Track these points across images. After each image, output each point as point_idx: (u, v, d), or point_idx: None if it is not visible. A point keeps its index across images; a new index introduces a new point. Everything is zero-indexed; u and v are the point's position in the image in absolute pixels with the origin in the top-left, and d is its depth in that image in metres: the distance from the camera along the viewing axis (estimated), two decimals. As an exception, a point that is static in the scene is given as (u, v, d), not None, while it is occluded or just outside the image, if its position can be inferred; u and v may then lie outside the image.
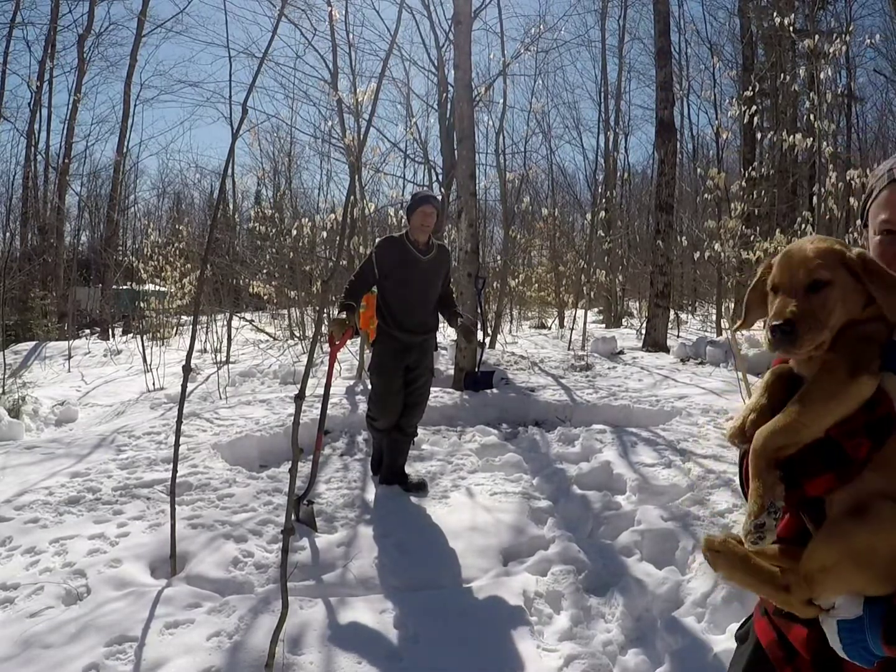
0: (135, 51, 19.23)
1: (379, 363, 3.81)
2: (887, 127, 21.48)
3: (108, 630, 2.31)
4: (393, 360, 3.77)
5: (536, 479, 4.10)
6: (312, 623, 2.42)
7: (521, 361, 8.57)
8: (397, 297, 3.75)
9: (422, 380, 3.87)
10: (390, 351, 3.76)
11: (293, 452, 2.15)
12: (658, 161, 10.46)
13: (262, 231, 11.93)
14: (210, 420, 5.15)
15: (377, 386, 3.83)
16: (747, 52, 16.34)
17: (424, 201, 3.71)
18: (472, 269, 6.94)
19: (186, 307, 12.13)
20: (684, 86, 20.50)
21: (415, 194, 3.93)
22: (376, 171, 12.29)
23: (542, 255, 18.92)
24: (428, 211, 3.69)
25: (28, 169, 19.38)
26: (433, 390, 6.47)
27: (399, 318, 3.75)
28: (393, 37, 2.61)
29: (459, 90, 7.08)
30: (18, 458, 4.24)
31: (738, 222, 10.37)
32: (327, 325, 4.46)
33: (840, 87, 18.10)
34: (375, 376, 3.83)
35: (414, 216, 3.72)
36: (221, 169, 19.11)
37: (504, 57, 11.58)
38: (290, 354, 9.19)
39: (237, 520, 3.26)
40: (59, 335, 14.00)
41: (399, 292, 3.74)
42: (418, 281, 3.77)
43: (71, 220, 24.86)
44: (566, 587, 2.75)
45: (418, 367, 3.84)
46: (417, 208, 3.69)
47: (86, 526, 3.13)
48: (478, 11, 10.49)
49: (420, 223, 3.71)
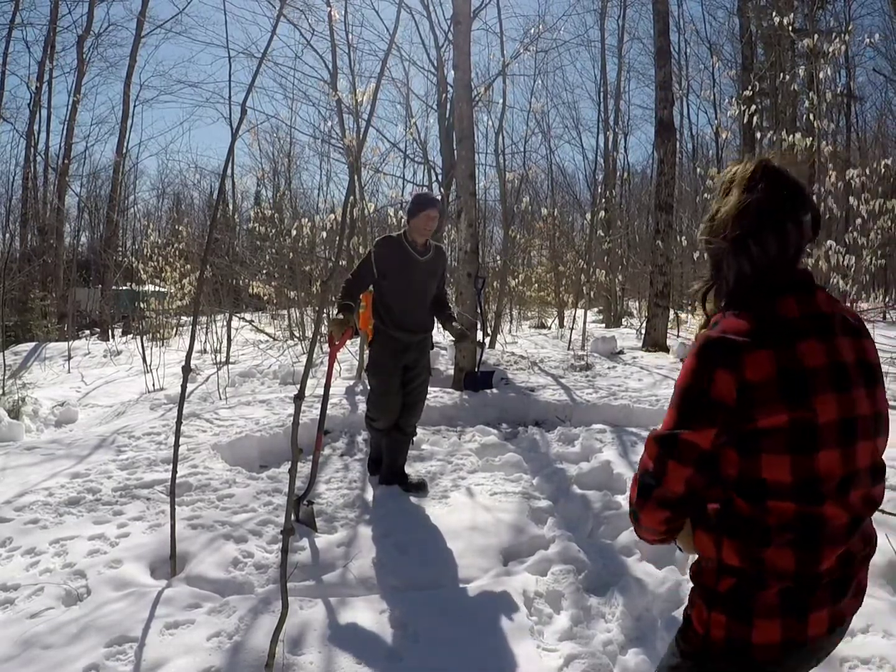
0: (134, 51, 19.22)
1: (377, 363, 3.80)
2: (887, 126, 21.50)
3: (109, 630, 2.31)
4: (391, 360, 3.77)
5: (536, 479, 4.10)
6: (312, 623, 2.42)
7: (520, 361, 8.57)
8: (396, 296, 3.75)
9: (419, 379, 3.87)
10: (388, 350, 3.76)
11: (293, 453, 2.15)
12: (657, 161, 10.45)
13: (261, 231, 11.92)
14: (210, 420, 5.15)
15: (376, 386, 3.83)
16: (747, 52, 16.34)
17: (430, 205, 3.68)
18: (472, 269, 6.94)
19: (186, 308, 12.12)
20: (684, 85, 20.53)
21: (418, 196, 3.89)
22: (376, 172, 12.30)
23: (542, 254, 18.91)
24: (432, 215, 3.68)
25: (28, 170, 19.37)
26: (433, 390, 6.48)
27: (397, 317, 3.75)
28: (392, 37, 2.61)
29: (459, 90, 7.08)
30: (18, 458, 4.24)
31: (737, 222, 10.36)
32: (327, 325, 4.46)
33: (839, 87, 18.11)
34: (374, 376, 3.82)
35: (417, 219, 3.69)
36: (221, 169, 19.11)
37: (503, 57, 11.58)
38: (290, 355, 9.19)
39: (237, 520, 3.26)
40: (58, 336, 14.00)
41: (397, 292, 3.75)
42: (416, 281, 3.77)
43: (71, 221, 24.92)
44: (566, 587, 2.75)
45: (416, 366, 3.85)
46: (422, 212, 3.67)
47: (86, 527, 3.13)
48: (477, 11, 10.51)
49: (423, 226, 3.70)
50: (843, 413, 1.09)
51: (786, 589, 1.09)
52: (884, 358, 8.03)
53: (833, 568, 1.12)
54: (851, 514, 1.11)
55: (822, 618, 1.12)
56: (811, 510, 1.08)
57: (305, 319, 11.79)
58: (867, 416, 1.14)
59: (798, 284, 1.16)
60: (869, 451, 1.14)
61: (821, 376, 1.08)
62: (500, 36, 11.63)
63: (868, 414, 1.14)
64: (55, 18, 18.85)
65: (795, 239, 1.16)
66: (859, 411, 1.12)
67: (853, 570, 1.17)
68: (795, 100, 15.37)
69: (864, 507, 1.14)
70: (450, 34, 9.58)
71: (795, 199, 1.16)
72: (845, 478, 1.10)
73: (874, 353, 1.20)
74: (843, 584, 1.15)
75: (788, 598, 1.10)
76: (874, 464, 1.16)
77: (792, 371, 1.07)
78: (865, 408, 1.13)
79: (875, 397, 1.16)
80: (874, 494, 1.17)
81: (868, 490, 1.15)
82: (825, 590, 1.12)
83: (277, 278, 12.26)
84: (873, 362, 1.18)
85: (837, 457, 1.08)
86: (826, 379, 1.08)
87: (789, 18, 8.54)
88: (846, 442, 1.10)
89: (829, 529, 1.09)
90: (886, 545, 2.73)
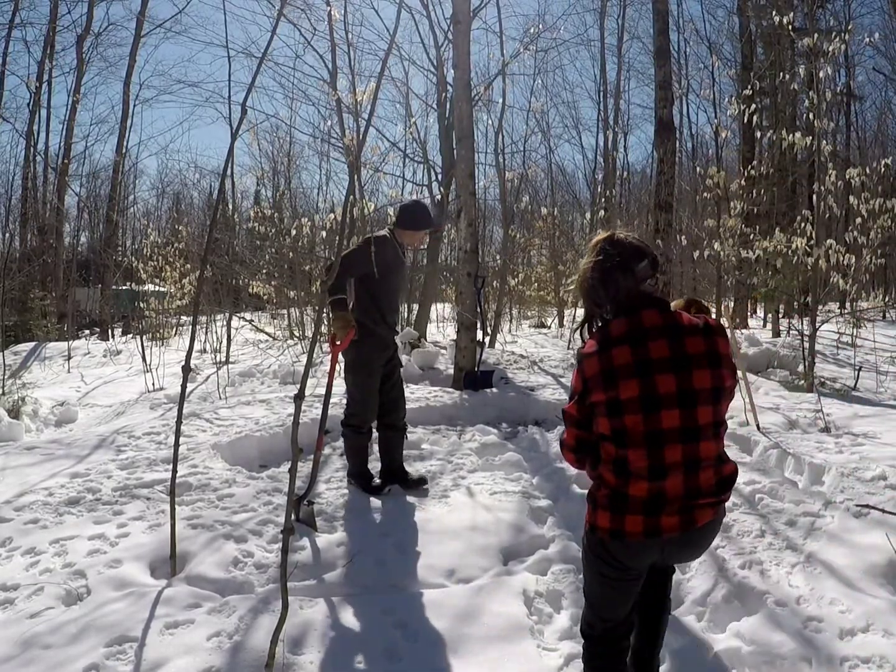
0: (134, 51, 19.18)
1: (366, 361, 3.74)
2: (886, 125, 21.52)
3: (109, 630, 2.31)
4: (379, 358, 3.79)
5: (536, 479, 4.10)
6: (312, 623, 2.42)
7: (520, 360, 8.57)
8: (386, 295, 3.80)
9: (397, 372, 3.95)
10: (376, 348, 3.76)
11: (293, 452, 2.15)
12: (657, 160, 10.44)
13: (261, 231, 11.90)
14: (210, 420, 5.15)
15: (364, 385, 3.77)
16: (746, 51, 16.31)
17: (430, 225, 3.90)
18: (472, 268, 6.94)
19: (186, 307, 12.13)
20: (683, 85, 20.50)
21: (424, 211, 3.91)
22: (376, 171, 12.28)
23: (542, 254, 18.91)
24: (427, 234, 4.06)
25: (27, 169, 19.34)
26: (433, 389, 6.49)
27: (385, 315, 3.79)
28: (392, 36, 2.61)
29: (458, 89, 7.07)
30: (18, 458, 4.24)
31: (737, 221, 10.36)
32: (327, 324, 4.44)
33: (839, 86, 18.13)
34: (362, 375, 3.76)
35: (416, 233, 3.87)
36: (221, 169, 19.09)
37: (503, 56, 11.60)
38: (290, 354, 9.19)
39: (237, 520, 3.26)
40: (58, 336, 13.99)
41: (388, 291, 3.81)
42: (402, 280, 4.05)
43: (70, 221, 24.92)
44: (566, 586, 2.75)
45: (393, 359, 3.92)
46: (422, 230, 3.88)
47: (86, 526, 3.13)
48: (477, 11, 10.50)
49: (417, 240, 3.95)
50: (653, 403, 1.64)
51: (644, 499, 1.69)
52: (883, 357, 8.04)
53: (679, 493, 1.68)
54: (686, 456, 1.66)
55: (652, 524, 1.68)
56: (636, 454, 1.66)
57: (305, 319, 11.79)
58: (707, 389, 1.66)
59: (630, 309, 1.73)
60: (710, 413, 1.68)
61: (625, 370, 1.65)
62: (499, 35, 11.67)
63: (708, 387, 1.67)
64: (55, 18, 18.82)
65: (628, 282, 1.74)
66: (698, 385, 1.65)
67: (698, 495, 1.70)
68: (795, 99, 15.37)
69: (701, 453, 1.68)
70: (449, 33, 9.57)
71: (625, 256, 1.75)
72: (686, 429, 1.65)
73: (724, 345, 1.73)
74: (689, 501, 1.69)
75: (647, 505, 1.68)
76: (716, 420, 1.71)
77: (606, 369, 1.67)
78: (706, 382, 1.66)
79: (720, 376, 1.69)
80: (713, 445, 1.71)
81: (709, 441, 1.69)
82: (672, 504, 1.68)
83: (277, 278, 12.25)
84: (721, 352, 1.71)
85: (675, 416, 1.64)
86: (632, 370, 1.64)
87: (789, 17, 8.52)
88: (687, 405, 1.65)
89: (665, 465, 1.65)
90: (886, 545, 2.74)
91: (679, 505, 1.69)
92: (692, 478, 1.68)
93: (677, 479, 1.67)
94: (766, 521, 3.20)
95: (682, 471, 1.66)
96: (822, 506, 3.28)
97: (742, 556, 2.84)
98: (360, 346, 3.69)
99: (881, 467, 3.63)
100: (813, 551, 2.85)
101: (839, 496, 3.37)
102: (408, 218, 3.82)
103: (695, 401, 1.65)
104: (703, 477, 1.69)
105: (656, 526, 1.69)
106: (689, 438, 1.66)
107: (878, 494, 3.34)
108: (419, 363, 7.84)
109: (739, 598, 2.53)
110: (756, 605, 2.49)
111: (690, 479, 1.68)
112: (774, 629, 2.32)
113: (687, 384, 1.65)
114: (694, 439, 1.67)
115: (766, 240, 9.31)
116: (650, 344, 1.67)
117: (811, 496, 3.44)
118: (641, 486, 1.67)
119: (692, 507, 1.70)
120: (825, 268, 7.69)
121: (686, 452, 1.66)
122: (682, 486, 1.67)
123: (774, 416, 5.23)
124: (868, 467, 3.68)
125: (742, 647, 2.26)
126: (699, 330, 1.71)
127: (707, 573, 2.73)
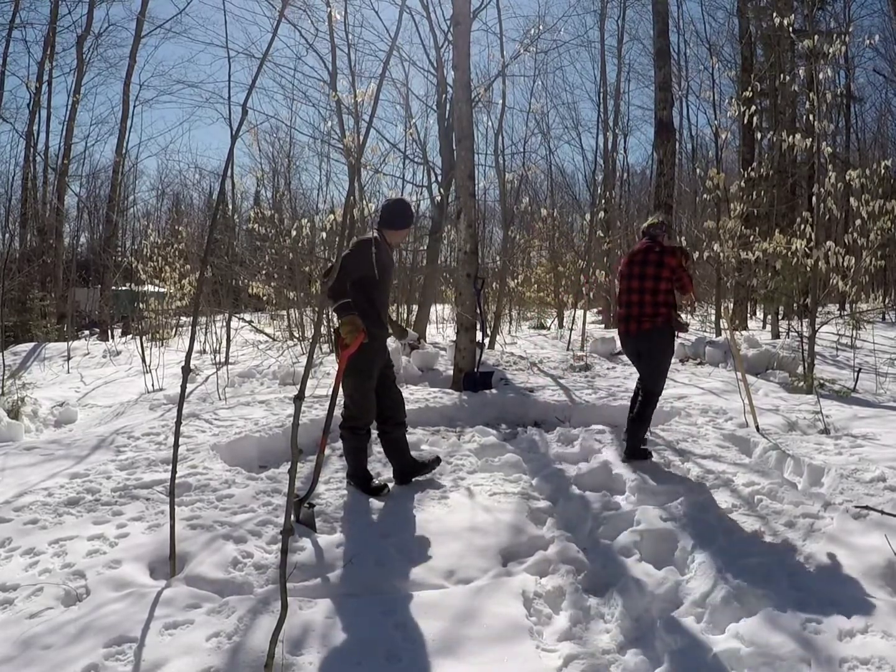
0: (134, 51, 19.21)
1: (369, 363, 3.72)
2: (886, 127, 21.55)
3: (108, 631, 2.31)
4: (380, 359, 3.82)
5: (536, 480, 4.10)
6: (312, 623, 2.42)
7: (520, 362, 8.57)
8: (382, 296, 3.84)
9: (392, 370, 4.00)
10: (377, 350, 3.78)
11: (293, 453, 2.15)
12: (657, 161, 10.46)
13: (261, 232, 11.91)
14: (209, 421, 5.15)
15: (364, 387, 3.76)
16: (746, 53, 16.33)
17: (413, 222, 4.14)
18: (472, 269, 6.95)
19: (186, 308, 12.14)
20: (683, 86, 20.56)
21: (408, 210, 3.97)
22: (375, 172, 12.27)
23: (542, 255, 18.92)
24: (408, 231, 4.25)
25: (27, 170, 19.37)
26: (432, 391, 6.49)
27: (381, 316, 3.83)
28: (394, 40, 2.61)
29: (458, 91, 7.08)
30: (18, 459, 4.24)
31: (737, 222, 10.38)
32: (328, 324, 4.44)
33: (839, 88, 18.14)
34: (363, 378, 3.74)
35: (403, 231, 3.96)
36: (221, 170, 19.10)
37: (503, 57, 11.58)
38: (290, 355, 9.19)
39: (236, 520, 3.26)
40: (58, 336, 14.00)
41: (384, 292, 3.87)
42: (392, 281, 4.22)
43: (70, 221, 24.96)
44: (566, 587, 2.75)
45: (388, 358, 3.96)
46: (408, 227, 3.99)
47: (85, 527, 3.13)
48: (477, 12, 10.50)
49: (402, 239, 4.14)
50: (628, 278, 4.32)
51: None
52: (883, 358, 8.04)
53: (623, 314, 4.31)
54: (626, 302, 4.28)
55: (621, 328, 4.36)
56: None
57: (305, 320, 11.79)
58: (649, 275, 4.19)
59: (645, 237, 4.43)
60: (637, 289, 4.21)
61: (623, 270, 4.36)
62: (499, 36, 11.64)
63: (650, 273, 4.18)
64: (55, 19, 18.85)
65: (652, 231, 4.53)
66: (635, 282, 4.25)
67: (631, 318, 4.24)
68: (795, 100, 15.39)
69: (634, 304, 4.22)
70: (449, 35, 9.58)
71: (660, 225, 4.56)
72: (631, 289, 4.26)
73: (669, 258, 4.16)
74: (627, 320, 4.27)
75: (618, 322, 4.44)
76: (654, 288, 4.16)
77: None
78: (650, 271, 4.19)
79: (644, 275, 4.20)
80: (641, 302, 4.21)
81: (639, 299, 4.20)
82: (621, 320, 4.32)
83: (277, 279, 12.25)
84: (664, 260, 4.17)
85: (624, 288, 4.32)
86: (624, 272, 4.33)
87: (789, 19, 8.54)
88: (629, 286, 4.28)
89: (621, 308, 4.37)
90: (885, 546, 2.74)
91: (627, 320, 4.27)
92: (633, 308, 4.23)
93: (632, 311, 4.26)
94: (766, 522, 3.21)
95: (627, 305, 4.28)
96: (822, 507, 3.28)
97: (741, 557, 2.85)
98: (362, 350, 3.67)
99: (880, 469, 3.63)
100: (812, 552, 2.85)
101: (838, 497, 3.38)
102: (401, 218, 3.86)
103: (642, 277, 4.19)
104: (637, 311, 4.21)
105: (627, 329, 4.28)
106: (634, 293, 4.23)
107: (877, 496, 3.34)
108: (419, 364, 7.84)
109: (738, 599, 2.53)
110: (755, 607, 2.49)
111: (632, 309, 4.23)
112: (774, 630, 2.32)
113: (640, 270, 4.21)
114: (639, 293, 4.20)
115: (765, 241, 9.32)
116: (633, 259, 4.31)
117: (810, 497, 3.45)
118: (623, 312, 4.30)
119: (630, 320, 4.24)
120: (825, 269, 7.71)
121: (631, 299, 4.23)
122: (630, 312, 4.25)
123: (774, 417, 5.24)
124: (867, 469, 3.69)
125: (741, 649, 2.26)
126: (657, 250, 4.21)
127: (706, 574, 2.74)
